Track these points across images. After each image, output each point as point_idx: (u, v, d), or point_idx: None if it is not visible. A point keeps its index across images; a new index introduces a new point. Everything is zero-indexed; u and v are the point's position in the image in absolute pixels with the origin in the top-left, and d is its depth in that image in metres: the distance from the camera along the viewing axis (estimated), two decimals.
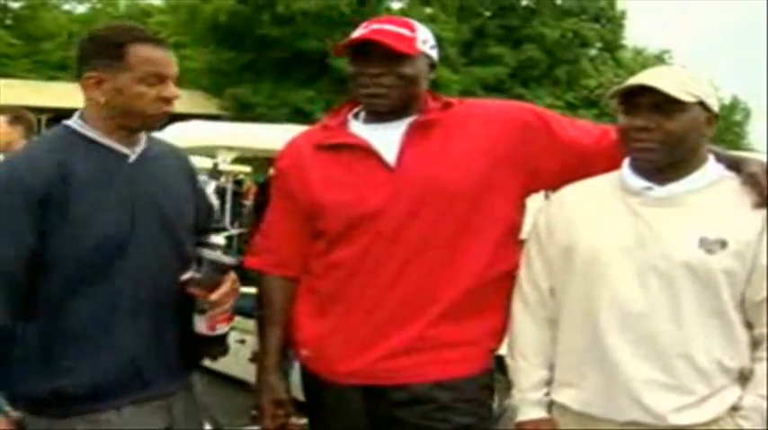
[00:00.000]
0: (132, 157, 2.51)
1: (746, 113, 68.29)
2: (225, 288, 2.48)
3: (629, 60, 40.79)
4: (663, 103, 2.27)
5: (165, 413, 2.54)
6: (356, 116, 2.72)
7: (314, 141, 2.70)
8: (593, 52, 39.49)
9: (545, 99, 33.32)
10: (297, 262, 2.73)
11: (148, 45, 2.45)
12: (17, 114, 5.56)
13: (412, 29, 2.61)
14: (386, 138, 2.59)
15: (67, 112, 2.50)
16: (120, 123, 2.48)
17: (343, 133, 2.67)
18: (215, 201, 11.05)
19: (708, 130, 2.34)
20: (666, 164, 2.33)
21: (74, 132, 2.48)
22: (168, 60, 2.49)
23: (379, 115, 2.63)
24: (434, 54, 2.66)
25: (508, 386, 5.98)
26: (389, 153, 2.58)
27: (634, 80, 2.33)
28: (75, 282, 2.40)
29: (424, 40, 2.61)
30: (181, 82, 2.60)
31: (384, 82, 2.56)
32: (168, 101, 2.48)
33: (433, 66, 2.66)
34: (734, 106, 67.47)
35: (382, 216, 2.53)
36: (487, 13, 37.43)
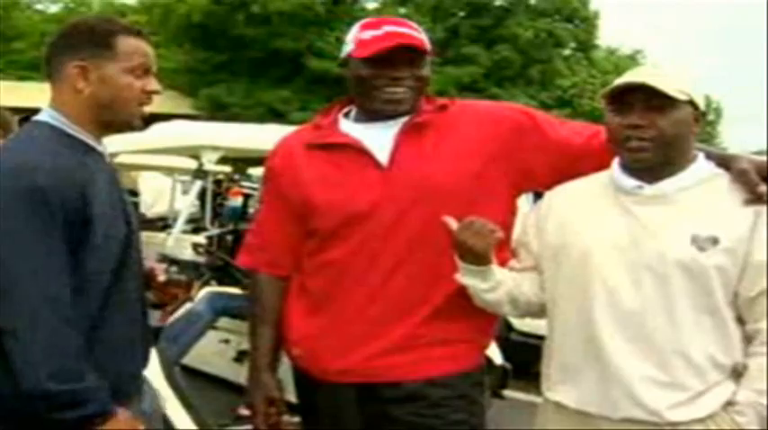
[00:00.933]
0: (107, 157, 2.46)
1: (718, 113, 68.69)
2: None
3: (602, 60, 40.92)
4: (656, 102, 2.29)
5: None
6: (346, 115, 2.72)
7: (305, 140, 2.70)
8: (566, 52, 39.54)
9: (519, 99, 33.30)
10: (288, 261, 2.74)
11: (136, 37, 2.39)
12: None
13: (417, 30, 2.64)
14: (378, 138, 2.60)
15: (38, 111, 2.44)
16: (100, 118, 2.37)
17: (334, 132, 2.67)
18: (196, 201, 11.07)
19: (696, 128, 2.36)
20: (658, 162, 2.34)
21: (62, 133, 2.34)
22: (152, 54, 2.43)
23: (373, 115, 2.64)
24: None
25: (490, 384, 6.03)
26: (382, 153, 2.59)
27: (628, 78, 2.34)
28: (105, 293, 2.29)
29: (426, 40, 2.63)
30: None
31: (406, 84, 2.57)
32: (150, 95, 2.41)
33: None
34: (707, 106, 67.61)
35: (374, 215, 2.55)
36: (461, 14, 37.39)
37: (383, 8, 32.85)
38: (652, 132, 2.31)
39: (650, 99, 2.29)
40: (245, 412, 2.85)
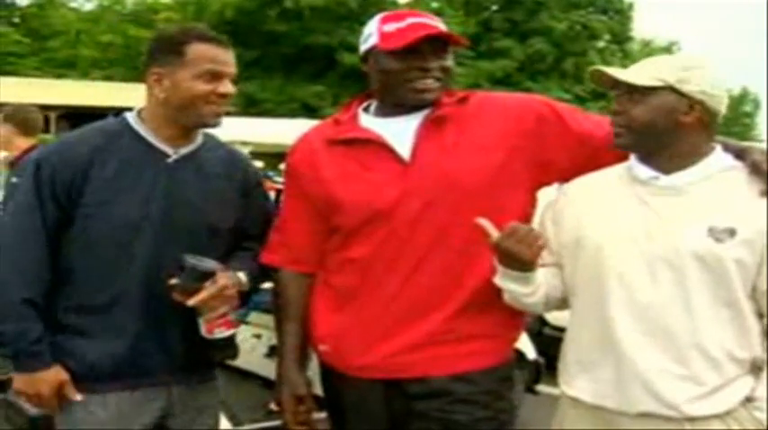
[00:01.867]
0: (173, 157, 2.63)
1: (756, 104, 68.04)
2: (204, 294, 2.51)
3: (637, 52, 40.67)
4: (629, 90, 2.33)
5: (164, 398, 2.66)
6: (366, 110, 2.71)
7: (326, 136, 2.70)
8: (601, 44, 39.37)
9: (553, 92, 33.24)
10: (312, 257, 2.74)
11: (208, 43, 2.57)
12: (6, 113, 5.55)
13: (438, 20, 2.63)
14: (399, 132, 2.59)
15: (76, 109, 2.60)
16: (175, 120, 2.61)
17: (355, 127, 2.66)
18: None
19: (687, 117, 2.32)
20: (638, 148, 2.38)
21: (126, 125, 2.65)
22: (226, 59, 2.61)
23: (395, 109, 2.63)
24: None
25: (523, 379, 5.99)
26: (403, 147, 2.57)
27: (608, 68, 2.40)
28: (90, 263, 2.56)
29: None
30: None
31: (434, 75, 2.57)
32: (223, 97, 2.58)
33: None
34: (743, 97, 67.19)
35: (397, 211, 2.53)
36: (494, 7, 37.37)
37: (415, 2, 32.83)
38: (624, 119, 2.36)
39: (626, 88, 2.34)
40: (276, 407, 2.83)
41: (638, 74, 2.33)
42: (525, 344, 6.03)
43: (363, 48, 2.67)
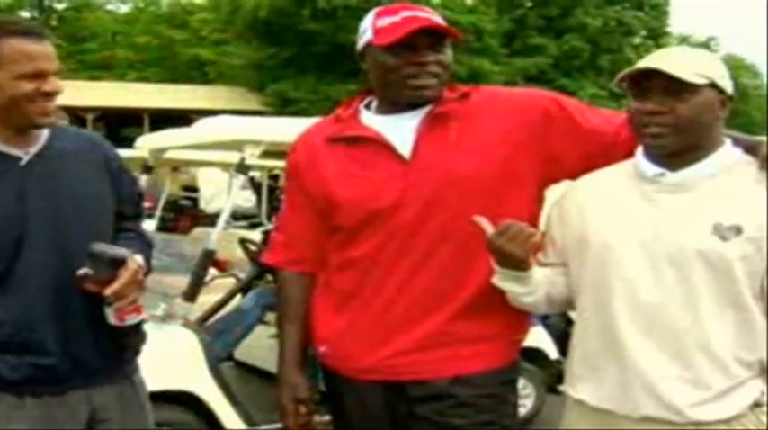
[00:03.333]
0: (25, 159, 2.50)
1: None
2: (120, 282, 2.44)
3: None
4: (673, 86, 2.20)
5: (84, 403, 2.56)
6: (368, 107, 2.66)
7: (326, 134, 2.65)
8: (637, 41, 39.09)
9: (588, 89, 33.07)
10: (313, 257, 2.70)
11: (23, 38, 2.40)
12: None
13: (435, 14, 2.56)
14: (400, 130, 2.54)
15: (112, 111, 2.52)
16: (5, 123, 2.45)
17: (355, 125, 2.61)
18: (251, 196, 11.08)
19: (721, 112, 2.26)
20: (678, 148, 2.26)
21: None
22: (46, 53, 2.43)
23: (395, 106, 2.57)
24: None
25: (545, 379, 5.94)
26: (404, 145, 2.52)
27: (643, 63, 2.27)
28: None
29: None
30: (223, 78, 2.60)
31: (430, 71, 2.50)
32: (49, 96, 2.43)
33: None
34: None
35: (398, 211, 2.49)
36: (528, 4, 37.20)
37: (449, 0, 32.77)
38: (670, 118, 2.23)
39: (668, 84, 2.21)
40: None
41: (684, 71, 2.21)
42: (547, 344, 5.98)
43: (359, 44, 2.62)
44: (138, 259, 2.55)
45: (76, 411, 2.55)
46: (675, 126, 2.22)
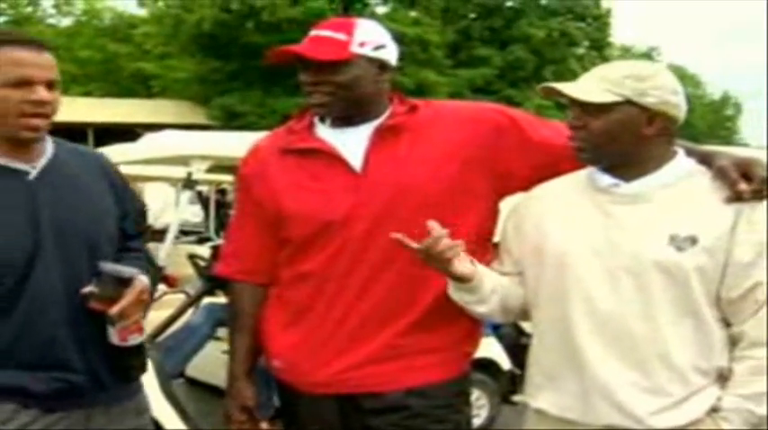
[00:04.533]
0: (33, 173, 2.43)
1: (738, 108, 68.59)
2: (125, 301, 2.41)
3: (617, 59, 40.81)
4: (586, 103, 2.25)
5: (82, 421, 2.48)
6: (322, 119, 2.65)
7: (278, 145, 2.64)
8: (580, 51, 39.49)
9: (534, 100, 33.29)
10: (264, 268, 2.69)
11: (15, 47, 2.33)
12: None
13: (349, 31, 2.53)
14: (351, 143, 2.54)
15: (56, 126, 2.43)
16: (1, 135, 2.37)
17: (307, 137, 2.61)
18: (199, 211, 10.97)
19: (649, 129, 2.25)
20: (606, 163, 2.31)
21: None
22: (37, 61, 2.35)
23: (337, 120, 2.58)
24: (383, 54, 2.56)
25: (498, 390, 5.98)
26: (355, 158, 2.52)
27: (559, 84, 2.32)
28: None
29: (363, 42, 2.52)
30: (167, 92, 2.57)
31: (321, 89, 2.51)
32: (36, 104, 2.34)
33: (383, 66, 2.56)
34: (725, 101, 67.77)
35: (349, 223, 2.48)
36: (472, 15, 37.39)
37: (393, 12, 32.88)
38: (583, 133, 2.29)
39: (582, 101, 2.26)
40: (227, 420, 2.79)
41: (594, 89, 2.24)
42: (499, 355, 6.02)
43: None
44: (144, 279, 2.51)
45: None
46: (589, 141, 2.28)
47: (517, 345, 6.20)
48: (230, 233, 2.82)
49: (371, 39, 2.54)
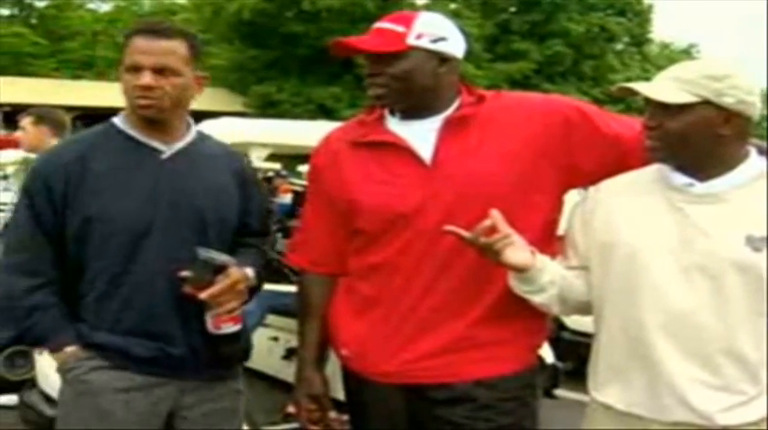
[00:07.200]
0: (167, 153, 2.59)
1: None
2: (217, 288, 2.47)
3: (656, 55, 40.53)
4: (663, 104, 2.25)
5: (175, 394, 2.61)
6: (392, 112, 2.67)
7: (350, 138, 2.66)
8: (619, 47, 39.26)
9: (571, 95, 33.15)
10: (335, 259, 2.71)
11: (138, 35, 2.53)
12: (40, 114, 5.62)
13: (408, 24, 2.54)
14: (421, 135, 2.55)
15: (93, 110, 2.61)
16: (134, 115, 2.59)
17: (378, 130, 2.62)
18: None
19: (726, 129, 2.25)
20: (675, 162, 2.31)
21: (113, 127, 2.64)
22: (147, 48, 2.52)
23: (405, 113, 2.60)
24: (442, 47, 2.55)
25: (541, 384, 5.97)
26: (425, 150, 2.53)
27: (634, 84, 2.32)
28: (100, 264, 2.52)
29: (420, 34, 2.52)
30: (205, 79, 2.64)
31: (377, 81, 2.55)
32: (141, 89, 2.52)
33: (444, 59, 2.56)
34: (763, 99, 67.15)
35: (420, 215, 2.50)
36: (512, 9, 37.30)
37: (432, 4, 32.80)
38: (659, 133, 2.29)
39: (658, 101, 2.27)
40: (293, 410, 2.81)
41: (671, 89, 2.24)
42: (544, 349, 5.99)
43: None
44: (247, 271, 2.59)
45: (164, 399, 2.60)
46: (665, 141, 2.27)
47: (557, 339, 6.19)
48: (302, 223, 2.84)
49: (430, 31, 2.54)
